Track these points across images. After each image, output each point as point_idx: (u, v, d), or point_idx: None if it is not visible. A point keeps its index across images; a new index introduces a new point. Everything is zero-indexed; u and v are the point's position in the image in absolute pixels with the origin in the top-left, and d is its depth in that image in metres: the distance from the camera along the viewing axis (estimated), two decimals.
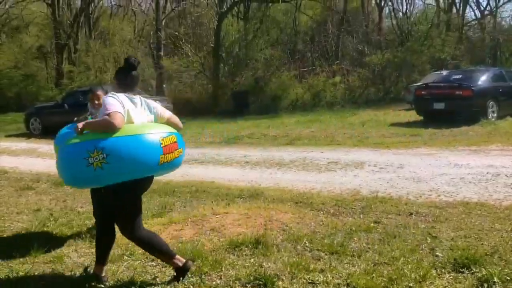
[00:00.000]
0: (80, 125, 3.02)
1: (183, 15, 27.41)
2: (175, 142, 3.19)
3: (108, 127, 2.91)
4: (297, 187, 6.16)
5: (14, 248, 4.16)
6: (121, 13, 33.14)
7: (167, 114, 3.41)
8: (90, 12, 28.19)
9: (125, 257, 3.89)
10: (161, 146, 3.05)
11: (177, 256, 3.32)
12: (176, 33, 24.49)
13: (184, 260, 3.31)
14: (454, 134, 10.27)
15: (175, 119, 3.46)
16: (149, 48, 26.70)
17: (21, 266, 3.77)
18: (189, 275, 3.39)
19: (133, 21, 31.86)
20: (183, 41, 23.63)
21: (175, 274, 3.33)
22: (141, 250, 3.99)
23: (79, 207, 5.63)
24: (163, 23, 23.32)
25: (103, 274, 3.40)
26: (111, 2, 34.03)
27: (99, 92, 4.49)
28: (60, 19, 25.25)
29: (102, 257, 3.43)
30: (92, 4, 28.20)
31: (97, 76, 24.03)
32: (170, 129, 3.25)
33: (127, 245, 4.14)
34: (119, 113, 2.96)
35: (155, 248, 3.29)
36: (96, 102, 4.44)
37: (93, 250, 4.07)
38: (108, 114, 2.93)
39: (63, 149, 3.08)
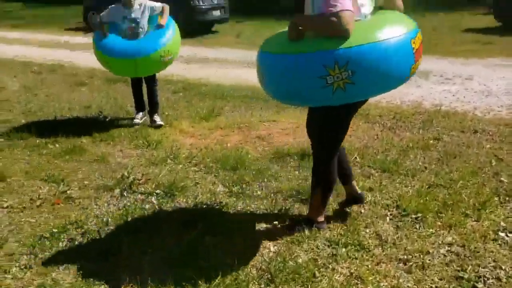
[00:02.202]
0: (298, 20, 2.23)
1: None
2: (421, 41, 2.34)
3: (338, 33, 2.06)
4: None
5: (62, 144, 4.21)
6: None
7: None
8: None
9: (168, 160, 3.82)
10: (413, 51, 2.21)
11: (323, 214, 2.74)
12: None
13: (324, 219, 2.70)
14: None
15: None
16: None
17: (66, 165, 3.80)
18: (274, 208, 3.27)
19: None
20: None
21: (306, 219, 2.72)
22: (185, 155, 3.92)
23: (129, 106, 5.58)
24: None
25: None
26: None
27: None
28: None
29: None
30: None
31: None
32: (413, 23, 2.35)
33: (171, 148, 4.08)
34: (349, 12, 2.08)
35: (328, 191, 2.67)
36: None
37: (138, 151, 4.06)
38: (336, 14, 2.05)
39: (275, 58, 2.27)
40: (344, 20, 2.04)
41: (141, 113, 4.96)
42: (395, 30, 2.17)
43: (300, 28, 2.20)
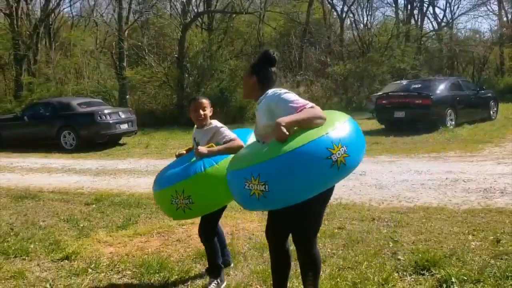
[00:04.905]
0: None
1: (146, 26, 27.16)
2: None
3: (320, 119, 2.53)
4: None
5: None
6: (82, 23, 32.62)
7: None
8: (50, 22, 27.62)
9: (90, 270, 3.83)
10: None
11: None
12: (139, 43, 24.25)
13: None
14: (414, 142, 10.57)
15: None
16: (112, 59, 26.29)
17: None
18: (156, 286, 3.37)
19: (95, 32, 31.37)
20: (146, 51, 23.41)
21: None
22: (106, 263, 3.95)
23: (41, 221, 5.49)
24: (125, 33, 23.04)
25: None
26: (72, 13, 33.52)
27: (205, 100, 3.54)
28: (19, 29, 24.56)
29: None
30: (53, 15, 27.62)
31: (57, 87, 23.50)
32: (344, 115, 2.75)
33: (90, 258, 4.09)
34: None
35: (318, 271, 2.88)
36: (202, 112, 3.48)
37: (57, 264, 4.02)
38: (312, 106, 2.56)
39: (278, 160, 2.40)
40: (319, 109, 2.56)
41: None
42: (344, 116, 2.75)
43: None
